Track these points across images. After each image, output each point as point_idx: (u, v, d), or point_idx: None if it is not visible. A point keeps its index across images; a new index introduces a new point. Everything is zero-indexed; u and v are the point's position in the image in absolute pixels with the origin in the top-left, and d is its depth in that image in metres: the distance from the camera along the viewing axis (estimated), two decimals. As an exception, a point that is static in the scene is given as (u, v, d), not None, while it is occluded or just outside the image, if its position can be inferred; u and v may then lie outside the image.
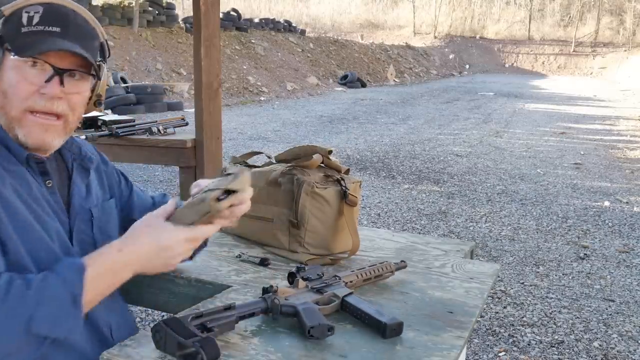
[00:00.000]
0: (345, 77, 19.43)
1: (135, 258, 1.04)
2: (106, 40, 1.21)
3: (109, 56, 1.22)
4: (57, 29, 1.07)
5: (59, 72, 1.06)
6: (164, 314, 2.25)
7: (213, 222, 1.08)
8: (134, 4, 14.14)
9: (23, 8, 1.07)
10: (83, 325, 1.01)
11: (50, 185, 1.12)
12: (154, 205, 1.40)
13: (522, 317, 3.19)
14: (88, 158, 1.23)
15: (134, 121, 3.30)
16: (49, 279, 0.95)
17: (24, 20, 1.06)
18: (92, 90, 1.18)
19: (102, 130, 3.04)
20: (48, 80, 1.06)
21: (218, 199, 1.04)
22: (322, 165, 1.51)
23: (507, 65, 31.49)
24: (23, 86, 1.06)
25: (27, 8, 1.07)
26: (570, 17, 34.51)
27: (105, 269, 1.02)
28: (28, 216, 1.05)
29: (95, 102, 1.19)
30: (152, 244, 1.04)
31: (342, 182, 1.46)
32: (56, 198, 1.13)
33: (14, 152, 1.07)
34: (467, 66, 30.40)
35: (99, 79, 1.17)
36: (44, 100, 1.06)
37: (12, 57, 1.05)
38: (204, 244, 1.30)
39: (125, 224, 1.32)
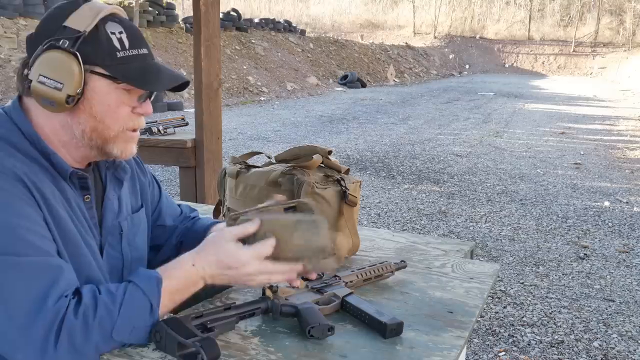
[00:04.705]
0: (345, 77, 19.41)
1: (207, 273, 1.05)
2: None
3: None
4: (146, 50, 1.09)
5: (150, 93, 1.12)
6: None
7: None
8: (134, 4, 14.12)
9: (102, 26, 1.04)
10: None
11: (88, 199, 1.12)
12: (182, 214, 1.41)
13: (522, 317, 3.19)
14: (122, 168, 1.21)
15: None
16: (129, 291, 0.98)
17: (116, 43, 1.04)
18: None
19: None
20: (141, 100, 1.10)
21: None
22: (322, 165, 1.51)
23: (507, 65, 31.47)
24: (123, 109, 1.08)
25: (107, 27, 1.04)
26: (570, 17, 34.47)
27: (180, 282, 1.04)
28: (76, 233, 1.06)
29: None
30: (219, 262, 1.05)
31: (342, 182, 1.46)
32: (92, 213, 1.13)
33: (58, 168, 1.06)
34: (467, 66, 30.37)
35: None
36: (138, 119, 1.11)
37: (111, 82, 1.04)
38: None
39: (155, 230, 1.33)
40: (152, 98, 1.14)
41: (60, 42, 1.01)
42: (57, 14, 1.05)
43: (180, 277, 1.03)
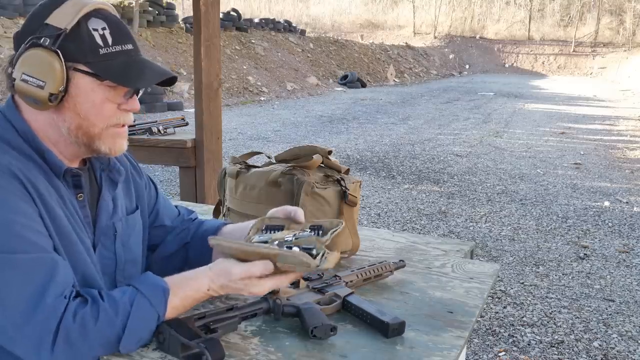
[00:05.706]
0: (345, 77, 19.41)
1: (220, 293, 1.06)
2: None
3: None
4: (130, 46, 1.08)
5: (137, 89, 1.11)
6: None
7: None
8: (134, 4, 14.13)
9: (84, 23, 1.03)
10: None
11: (81, 198, 1.12)
12: (180, 215, 1.40)
13: (522, 317, 3.19)
14: (117, 170, 1.21)
15: (133, 121, 3.30)
16: (137, 303, 0.97)
17: (99, 40, 1.03)
18: None
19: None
20: (127, 96, 1.09)
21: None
22: (322, 165, 1.51)
23: (507, 65, 31.46)
24: (108, 106, 1.07)
25: (90, 23, 1.03)
26: (570, 17, 34.45)
27: (191, 302, 1.04)
28: (71, 230, 1.06)
29: None
30: (236, 290, 1.05)
31: (342, 182, 1.46)
32: (85, 212, 1.13)
33: (52, 165, 1.06)
34: (467, 66, 30.36)
35: None
36: (125, 115, 1.11)
37: (94, 79, 1.03)
38: None
39: (153, 230, 1.33)
40: (140, 94, 1.13)
41: (42, 40, 1.01)
42: (40, 12, 1.04)
43: (191, 297, 1.04)
